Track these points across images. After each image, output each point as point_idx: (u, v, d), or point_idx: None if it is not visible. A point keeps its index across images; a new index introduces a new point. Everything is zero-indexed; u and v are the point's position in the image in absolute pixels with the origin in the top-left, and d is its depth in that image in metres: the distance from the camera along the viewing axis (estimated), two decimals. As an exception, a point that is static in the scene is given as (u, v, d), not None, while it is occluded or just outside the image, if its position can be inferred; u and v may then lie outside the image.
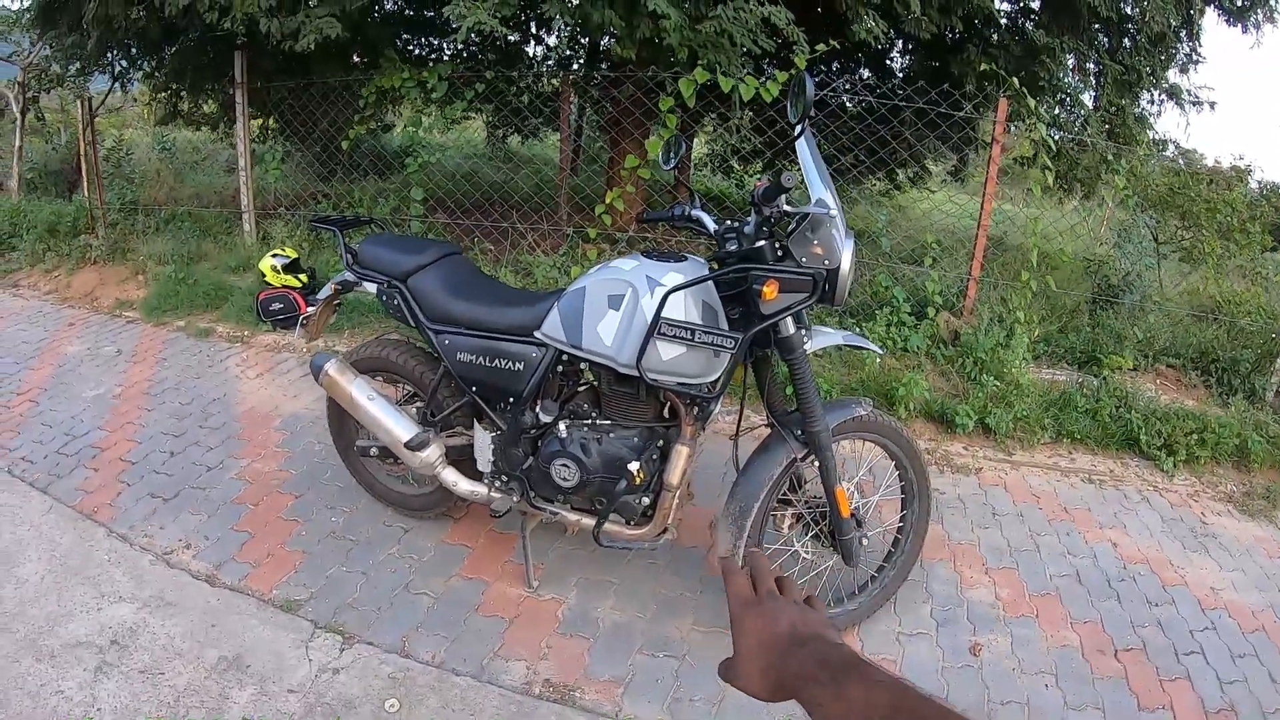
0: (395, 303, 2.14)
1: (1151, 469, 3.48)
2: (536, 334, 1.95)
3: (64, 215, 5.48)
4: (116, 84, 5.58)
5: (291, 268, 4.32)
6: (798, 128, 1.63)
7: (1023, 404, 3.53)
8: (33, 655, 2.00)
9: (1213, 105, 5.80)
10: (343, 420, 2.52)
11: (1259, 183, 6.42)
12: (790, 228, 1.70)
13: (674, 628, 2.16)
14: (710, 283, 1.76)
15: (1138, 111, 5.90)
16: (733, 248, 1.76)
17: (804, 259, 1.68)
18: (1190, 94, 5.81)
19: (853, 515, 2.00)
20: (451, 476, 2.17)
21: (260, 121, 6.70)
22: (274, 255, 4.32)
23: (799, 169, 1.68)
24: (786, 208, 1.67)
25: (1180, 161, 6.76)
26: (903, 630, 2.24)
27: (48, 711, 1.83)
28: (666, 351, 1.73)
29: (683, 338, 1.70)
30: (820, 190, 1.66)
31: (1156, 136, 6.23)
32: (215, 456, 3.06)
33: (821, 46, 3.83)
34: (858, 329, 3.92)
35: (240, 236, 5.15)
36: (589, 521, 2.01)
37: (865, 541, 2.07)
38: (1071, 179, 5.99)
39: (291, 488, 2.84)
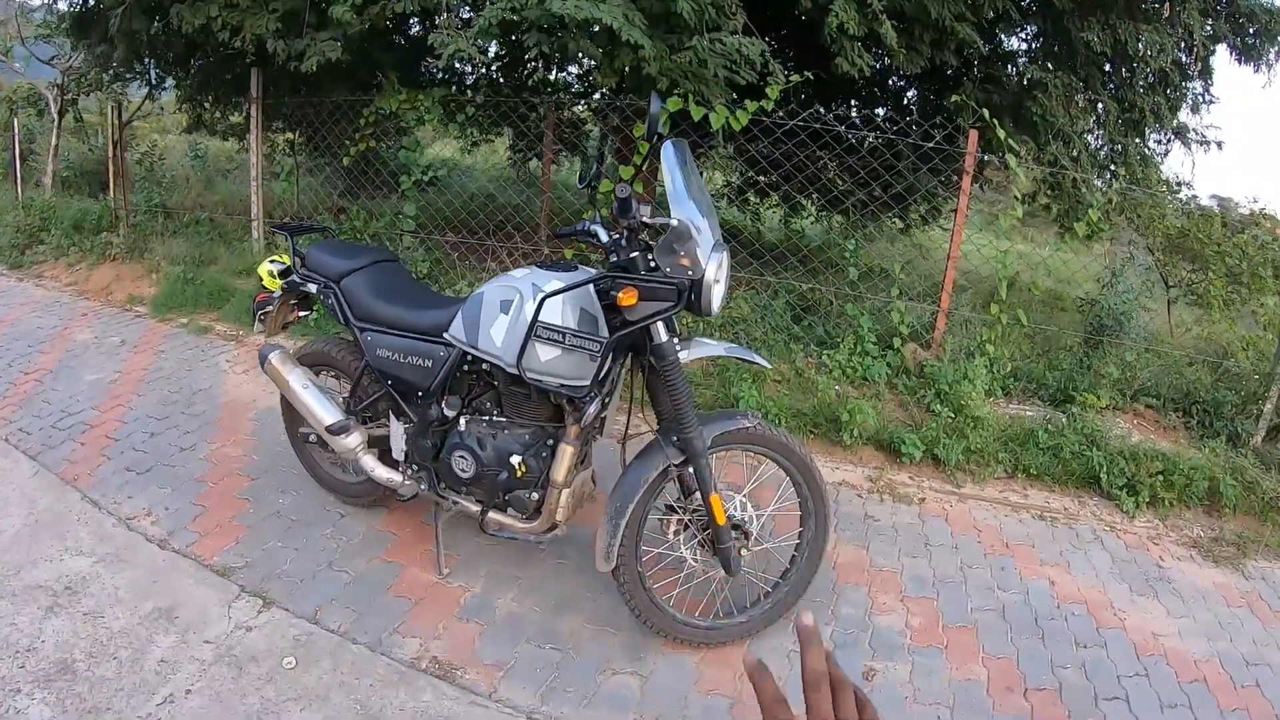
0: (330, 302, 2.33)
1: (1111, 509, 3.41)
2: (445, 335, 2.10)
3: (89, 213, 5.88)
4: (150, 91, 5.99)
5: (287, 273, 4.56)
6: (652, 143, 1.76)
7: (978, 436, 3.52)
8: (-4, 593, 2.25)
9: (1220, 145, 5.71)
10: (293, 409, 2.71)
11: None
12: (660, 240, 1.81)
13: (566, 623, 2.26)
14: (590, 290, 1.88)
15: (1144, 151, 5.84)
16: (615, 259, 1.88)
17: (669, 269, 1.79)
18: (1197, 133, 5.73)
19: (736, 526, 2.07)
20: (370, 463, 2.33)
21: (287, 136, 7.10)
22: (271, 261, 4.56)
23: (626, 181, 1.80)
24: (645, 220, 1.79)
25: (1215, 206, 6.63)
26: (795, 648, 2.26)
27: (0, 639, 2.09)
28: (544, 353, 1.86)
29: (556, 340, 1.83)
30: (682, 205, 1.78)
31: (1167, 177, 6.15)
32: (190, 439, 3.30)
33: (796, 77, 3.94)
34: (821, 356, 3.97)
35: (249, 243, 5.46)
36: (492, 514, 2.13)
37: (747, 554, 2.13)
38: (1072, 217, 5.94)
39: (250, 471, 3.06)
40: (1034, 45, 5.67)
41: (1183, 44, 5.06)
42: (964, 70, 5.28)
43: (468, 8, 3.86)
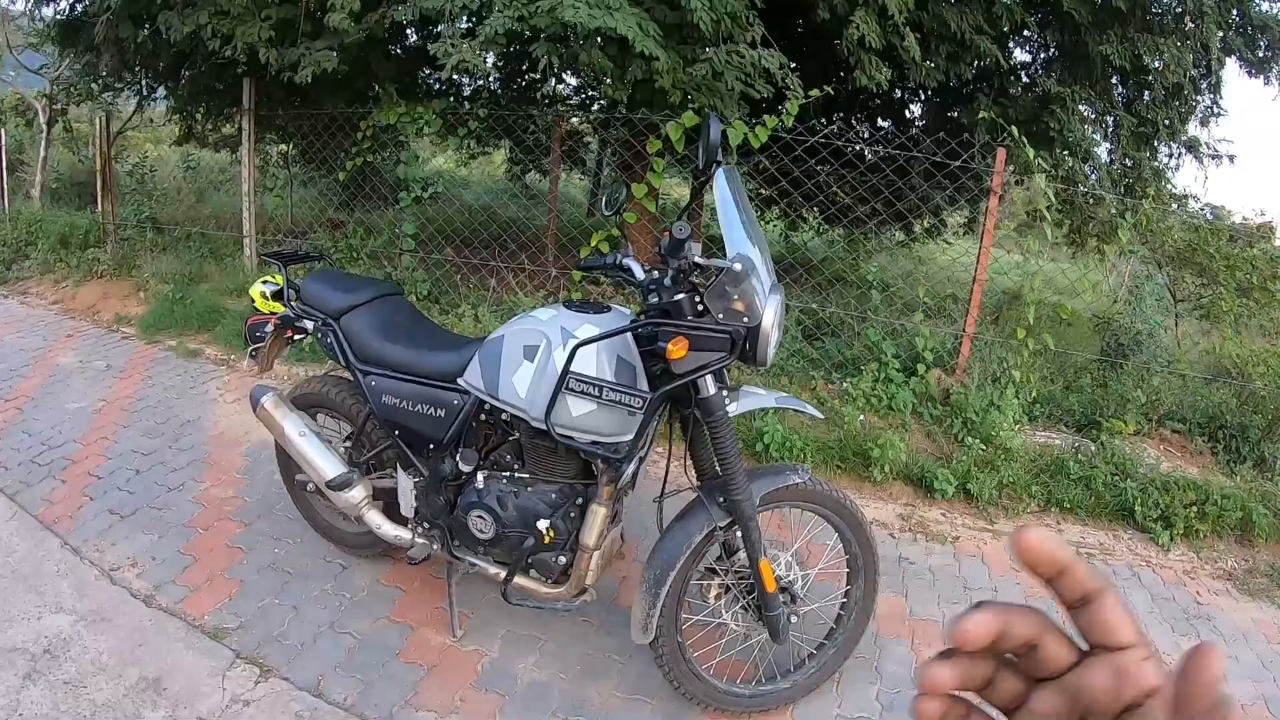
0: (329, 341, 2.13)
1: (1146, 542, 3.28)
2: (460, 381, 1.91)
3: (76, 228, 5.65)
4: (140, 102, 5.78)
5: (280, 295, 4.36)
6: (708, 171, 1.58)
7: (1010, 469, 3.37)
8: (-32, 658, 2.04)
9: (1232, 159, 5.63)
10: (288, 453, 2.50)
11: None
12: (710, 280, 1.63)
13: (595, 691, 2.06)
14: (629, 337, 1.70)
15: (1156, 165, 5.75)
16: (654, 300, 1.69)
17: (721, 315, 1.61)
18: (1209, 147, 5.65)
19: (784, 590, 1.89)
20: (376, 519, 2.13)
21: (281, 148, 6.90)
22: (264, 282, 4.34)
23: (688, 219, 1.62)
24: (698, 260, 1.60)
25: (1208, 215, 6.56)
26: (842, 713, 2.10)
27: (-28, 711, 1.88)
28: (576, 407, 1.67)
29: (591, 394, 1.64)
30: (739, 242, 1.59)
31: (1176, 190, 6.06)
32: (178, 478, 3.09)
33: (815, 92, 3.79)
34: (844, 384, 3.81)
35: (241, 261, 5.24)
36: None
37: (796, 619, 1.95)
38: (1085, 233, 5.83)
39: (242, 515, 2.84)
40: (1046, 58, 5.56)
41: (1196, 58, 4.97)
42: (977, 84, 5.16)
43: (469, 18, 3.67)
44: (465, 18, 3.47)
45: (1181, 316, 5.70)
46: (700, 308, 1.64)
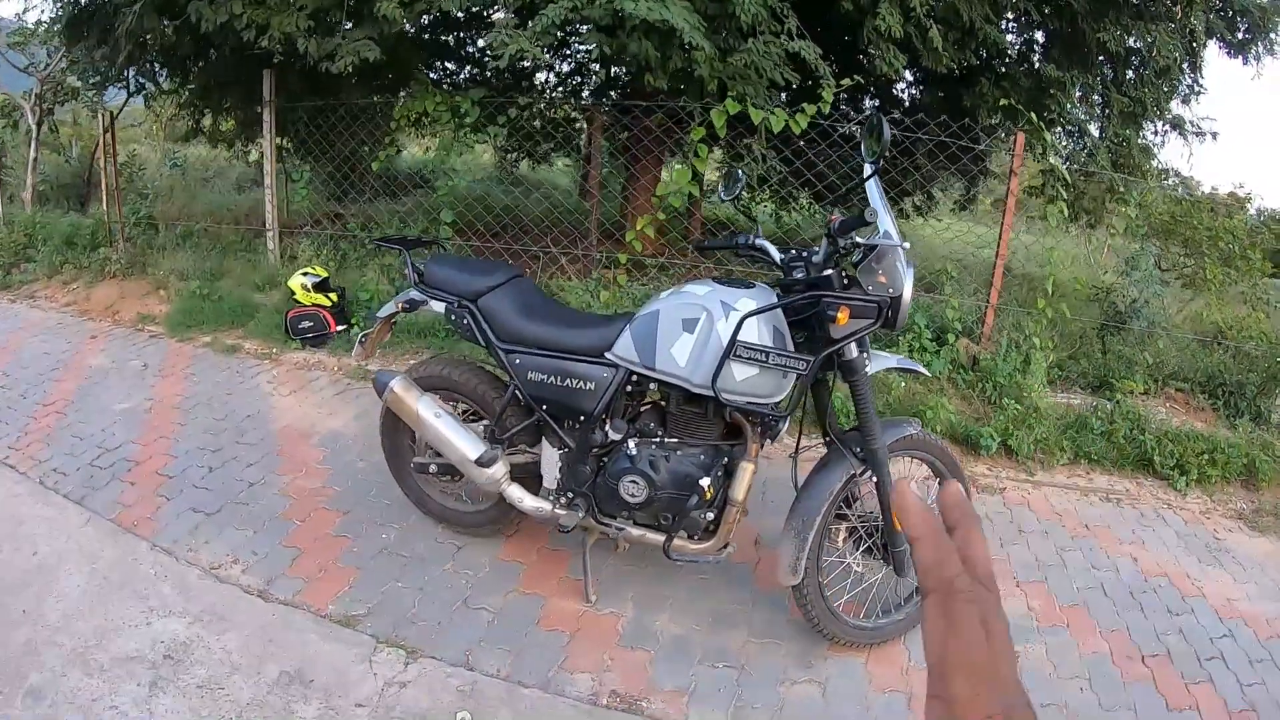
0: (465, 322, 2.21)
1: (1165, 488, 3.59)
2: (608, 355, 2.03)
3: (82, 228, 5.52)
4: (134, 97, 5.65)
5: (321, 286, 4.38)
6: (869, 167, 1.74)
7: (1042, 427, 3.64)
8: (82, 669, 1.98)
9: (1214, 135, 6.01)
10: (396, 437, 2.56)
11: (1259, 210, 6.67)
12: (857, 258, 1.80)
13: (730, 639, 2.22)
14: (779, 309, 1.86)
15: (1142, 142, 6.11)
16: (799, 275, 1.86)
17: (870, 287, 1.79)
18: (1193, 124, 6.02)
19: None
20: (517, 493, 2.22)
21: (277, 141, 6.79)
22: (304, 274, 4.38)
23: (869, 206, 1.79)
24: (858, 240, 1.78)
25: (1181, 189, 6.99)
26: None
27: (103, 726, 1.81)
28: (740, 373, 1.83)
29: (757, 360, 1.80)
30: (887, 224, 1.77)
31: (1160, 166, 6.44)
32: (256, 472, 3.07)
33: (847, 81, 3.97)
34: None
35: (265, 254, 5.20)
36: (653, 537, 2.08)
37: (917, 554, 2.15)
38: (1078, 209, 6.17)
39: (337, 504, 2.85)
40: (1044, 43, 5.83)
41: (1182, 42, 5.29)
42: (982, 70, 5.40)
43: (520, 8, 3.73)
44: (515, 7, 3.53)
45: (1167, 285, 6.10)
46: (845, 282, 1.81)
